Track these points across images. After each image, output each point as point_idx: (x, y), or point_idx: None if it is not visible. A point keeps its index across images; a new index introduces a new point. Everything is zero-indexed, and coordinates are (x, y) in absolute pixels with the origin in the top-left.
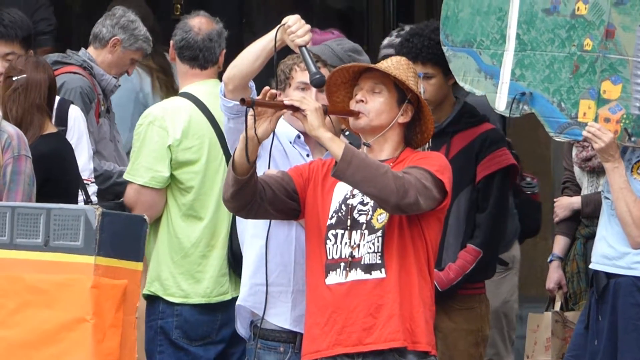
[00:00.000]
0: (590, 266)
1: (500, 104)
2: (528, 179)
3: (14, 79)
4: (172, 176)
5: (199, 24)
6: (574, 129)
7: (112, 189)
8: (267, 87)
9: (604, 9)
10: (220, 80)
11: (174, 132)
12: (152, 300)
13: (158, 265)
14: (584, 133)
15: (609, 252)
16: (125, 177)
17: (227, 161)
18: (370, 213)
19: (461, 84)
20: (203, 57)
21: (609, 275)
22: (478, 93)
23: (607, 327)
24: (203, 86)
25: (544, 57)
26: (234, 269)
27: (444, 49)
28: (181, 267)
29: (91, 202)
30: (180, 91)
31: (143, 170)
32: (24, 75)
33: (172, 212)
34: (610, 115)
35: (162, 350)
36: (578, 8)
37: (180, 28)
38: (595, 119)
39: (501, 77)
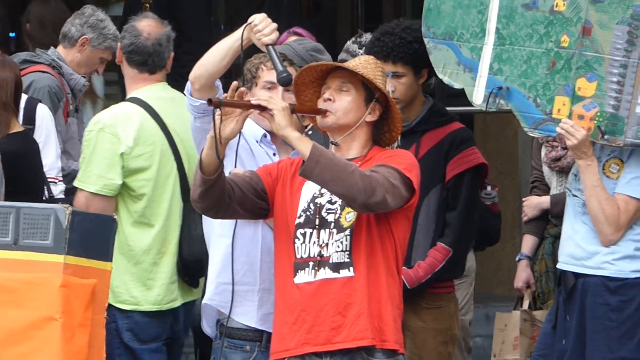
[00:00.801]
0: (558, 266)
1: (478, 97)
2: (489, 189)
3: None
4: (123, 183)
5: (148, 27)
6: (548, 125)
7: None
8: (235, 83)
9: (582, 6)
10: (169, 84)
11: (126, 140)
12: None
13: None
14: (558, 129)
15: (577, 252)
16: (76, 184)
17: (178, 167)
18: (339, 212)
19: (440, 76)
20: (152, 62)
21: (577, 275)
22: (456, 86)
23: (575, 327)
24: (152, 91)
25: (522, 52)
26: (182, 275)
27: (425, 41)
28: (133, 274)
29: (54, 201)
30: (129, 96)
31: (94, 177)
32: None
33: (123, 219)
34: (584, 112)
35: (120, 353)
36: (557, 4)
37: (128, 32)
38: (569, 116)
39: (479, 70)
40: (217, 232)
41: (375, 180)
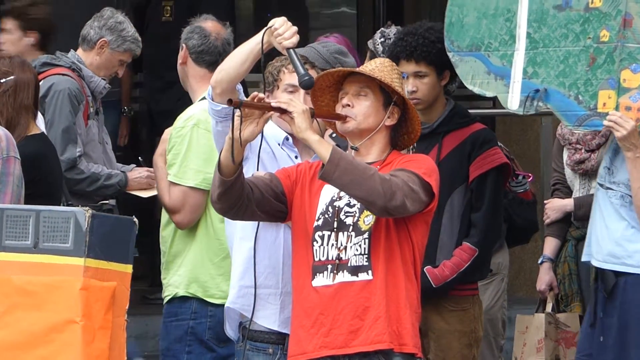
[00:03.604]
0: (596, 264)
1: (513, 103)
2: (520, 177)
3: (1, 81)
4: None
5: (215, 28)
6: (594, 119)
7: (100, 192)
8: (255, 93)
9: None
10: None
11: None
12: (183, 300)
13: (195, 268)
14: (605, 122)
15: (617, 251)
16: (172, 179)
17: None
18: (357, 215)
19: (470, 87)
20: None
21: (616, 274)
22: (489, 94)
23: (617, 324)
24: None
25: (558, 53)
26: None
27: (450, 55)
28: (221, 269)
29: (70, 203)
30: (202, 95)
31: (192, 172)
32: (12, 77)
33: (212, 215)
34: (631, 103)
35: (190, 350)
36: (592, 1)
37: (195, 32)
38: (616, 108)
39: (512, 76)
40: (239, 235)
41: (394, 184)
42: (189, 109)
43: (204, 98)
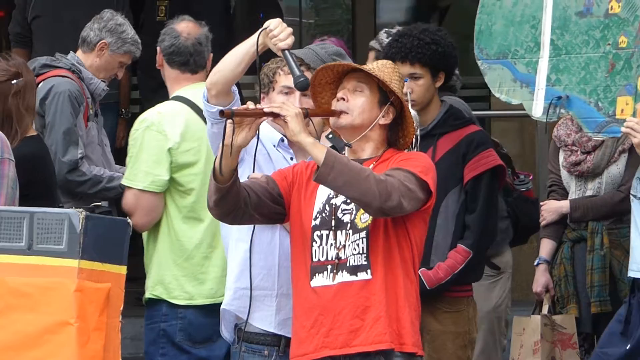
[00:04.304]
0: (632, 275)
1: (537, 110)
2: (522, 177)
3: (13, 82)
4: (171, 179)
5: (187, 28)
6: (613, 126)
7: (101, 194)
8: (247, 103)
9: (638, 4)
10: None
11: (173, 136)
12: (154, 303)
13: (160, 269)
14: (622, 129)
15: None
16: (124, 182)
17: None
18: (354, 212)
19: (497, 95)
20: (194, 62)
21: None
22: (514, 102)
23: None
24: (195, 90)
25: (579, 60)
26: None
27: (479, 62)
28: (184, 270)
29: (61, 205)
30: (173, 95)
31: (142, 174)
32: (22, 78)
33: (172, 216)
34: None
35: (164, 352)
36: (612, 7)
37: (167, 34)
38: (634, 114)
39: (537, 84)
40: (234, 236)
41: (390, 184)
42: (146, 111)
43: (174, 98)
